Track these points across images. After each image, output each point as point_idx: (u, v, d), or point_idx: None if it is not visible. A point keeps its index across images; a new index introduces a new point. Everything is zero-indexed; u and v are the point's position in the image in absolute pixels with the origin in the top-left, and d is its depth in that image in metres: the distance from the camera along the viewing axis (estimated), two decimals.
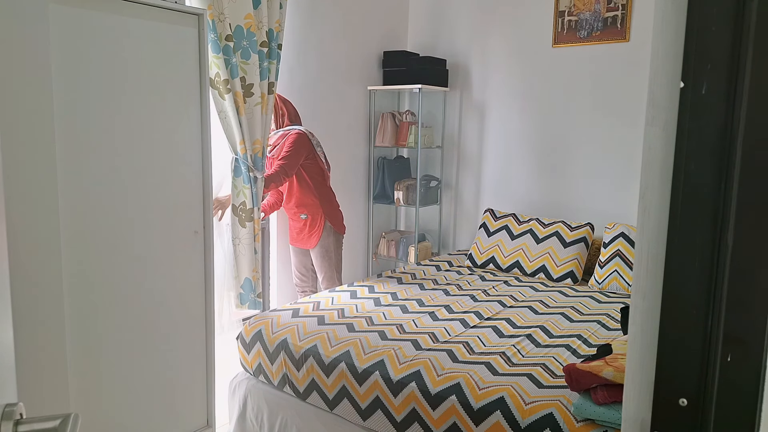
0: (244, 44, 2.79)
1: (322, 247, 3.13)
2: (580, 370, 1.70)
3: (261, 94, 2.90)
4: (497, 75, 3.86)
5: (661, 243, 0.61)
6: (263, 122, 2.93)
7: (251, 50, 2.82)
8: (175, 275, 2.16)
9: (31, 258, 1.63)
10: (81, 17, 1.79)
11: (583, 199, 3.58)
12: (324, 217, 3.11)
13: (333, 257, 3.17)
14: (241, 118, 2.81)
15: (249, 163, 2.87)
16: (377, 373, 2.04)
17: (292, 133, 3.02)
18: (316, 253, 3.15)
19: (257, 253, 2.92)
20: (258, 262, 2.94)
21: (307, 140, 3.06)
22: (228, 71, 2.73)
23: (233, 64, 2.74)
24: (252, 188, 2.89)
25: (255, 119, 2.88)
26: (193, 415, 2.30)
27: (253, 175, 2.88)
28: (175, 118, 2.09)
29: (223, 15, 2.69)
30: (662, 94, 0.60)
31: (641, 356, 0.64)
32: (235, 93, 2.76)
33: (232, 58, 2.74)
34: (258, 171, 2.89)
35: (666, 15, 0.59)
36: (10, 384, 0.73)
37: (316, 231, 3.11)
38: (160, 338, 2.14)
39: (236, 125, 2.81)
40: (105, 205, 1.92)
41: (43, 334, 1.69)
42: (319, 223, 3.10)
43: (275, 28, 2.98)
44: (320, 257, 3.16)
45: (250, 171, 2.87)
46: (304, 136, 3.04)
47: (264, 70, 2.92)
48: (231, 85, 2.74)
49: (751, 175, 0.55)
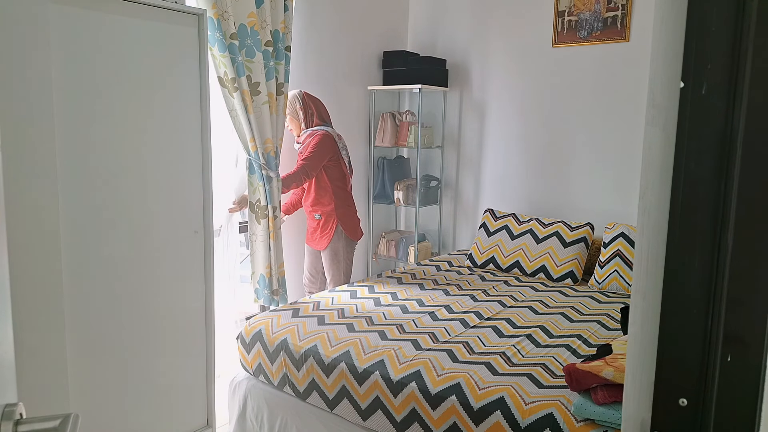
0: (248, 42, 2.80)
1: (332, 250, 3.14)
2: (580, 370, 1.70)
3: (269, 94, 2.91)
4: (497, 75, 3.86)
5: (661, 243, 0.61)
6: (272, 122, 2.94)
7: (255, 49, 2.82)
8: (175, 275, 2.16)
9: (31, 258, 1.63)
10: (81, 17, 1.79)
11: (583, 199, 3.58)
12: (337, 220, 3.11)
13: (342, 261, 3.16)
14: (250, 116, 2.82)
15: (261, 161, 2.88)
16: (377, 373, 2.04)
17: (317, 134, 3.03)
18: (326, 255, 3.17)
19: (271, 250, 2.93)
20: (272, 258, 2.96)
21: (333, 142, 3.07)
22: (234, 69, 2.73)
23: (239, 62, 2.75)
24: (265, 186, 2.91)
25: (263, 118, 2.89)
26: (193, 415, 2.30)
27: (266, 174, 2.89)
28: (176, 118, 2.09)
29: (227, 14, 2.70)
30: (662, 94, 0.60)
31: (641, 356, 0.64)
32: (243, 91, 2.78)
33: (237, 57, 2.75)
34: (271, 170, 2.90)
35: (666, 15, 0.59)
36: (10, 384, 0.73)
37: (327, 233, 3.11)
38: (160, 338, 2.14)
39: (246, 124, 2.83)
40: (105, 205, 1.92)
41: (43, 334, 1.69)
42: (331, 226, 3.10)
43: (281, 29, 2.98)
44: (329, 260, 3.16)
45: (262, 169, 2.88)
46: (330, 138, 3.05)
47: (270, 69, 2.92)
48: (238, 83, 2.76)
49: (751, 175, 0.55)
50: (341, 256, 3.15)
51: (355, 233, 3.21)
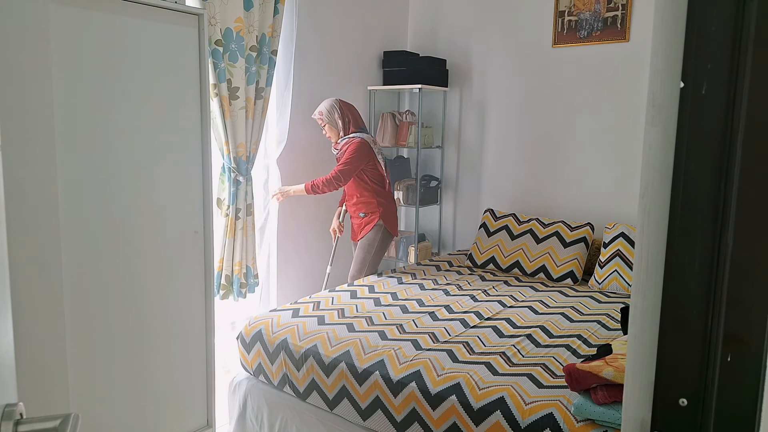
0: (233, 47, 2.82)
1: (368, 240, 3.30)
2: (580, 370, 1.70)
3: (247, 99, 2.94)
4: (497, 75, 3.86)
5: (661, 243, 0.61)
6: (248, 127, 2.98)
7: (239, 54, 2.84)
8: (175, 275, 2.16)
9: (31, 258, 1.63)
10: (81, 17, 1.79)
11: (583, 199, 3.58)
12: (380, 216, 3.28)
13: (374, 252, 3.31)
14: (226, 121, 2.86)
15: (232, 165, 2.92)
16: (377, 373, 2.04)
17: (354, 141, 3.16)
18: (361, 243, 3.32)
19: (225, 248, 3.00)
20: (225, 255, 3.01)
21: (369, 148, 3.21)
22: (216, 75, 2.76)
23: (221, 68, 2.78)
24: (230, 188, 2.96)
25: (239, 123, 2.92)
26: (193, 415, 2.30)
27: (235, 177, 2.92)
28: (175, 117, 2.09)
29: (214, 19, 2.71)
30: (662, 94, 0.60)
31: (641, 356, 0.64)
32: (222, 97, 2.83)
33: (220, 63, 2.77)
34: (240, 174, 2.97)
35: (666, 15, 0.59)
36: (10, 384, 0.73)
37: (369, 226, 3.30)
38: (160, 338, 2.14)
39: (222, 128, 2.88)
40: (105, 205, 1.92)
41: (43, 334, 1.69)
42: (374, 221, 3.28)
43: (268, 33, 2.99)
44: (362, 248, 3.31)
45: (232, 172, 2.92)
46: (366, 145, 3.19)
47: (252, 74, 2.94)
48: (218, 89, 2.80)
49: (751, 175, 0.55)
50: (375, 246, 3.30)
51: (395, 229, 3.38)
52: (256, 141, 3.04)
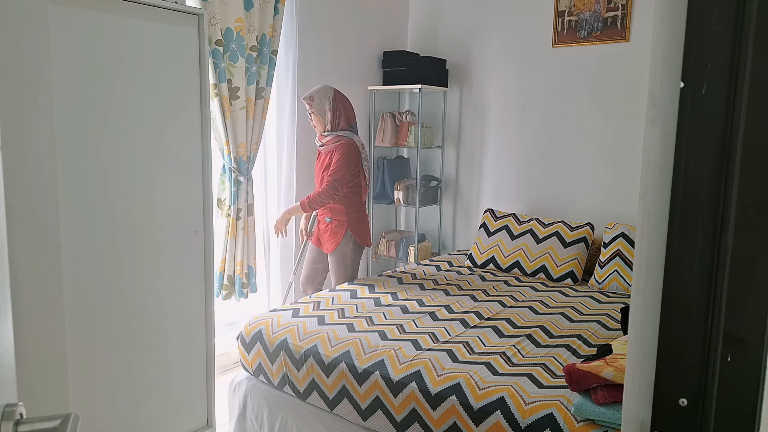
0: (233, 47, 2.82)
1: (339, 253, 3.08)
2: (580, 370, 1.70)
3: (247, 99, 2.94)
4: (497, 75, 3.86)
5: (661, 243, 0.61)
6: (248, 127, 2.99)
7: (239, 54, 2.85)
8: (175, 275, 2.16)
9: (31, 258, 1.63)
10: (81, 17, 1.79)
11: (583, 199, 3.58)
12: (347, 225, 3.05)
13: (349, 265, 3.12)
14: (227, 121, 2.87)
15: (233, 165, 2.93)
16: (377, 373, 2.04)
17: (341, 144, 2.95)
18: (333, 258, 3.11)
19: (227, 248, 3.01)
20: (227, 255, 3.02)
21: (357, 152, 3.01)
22: (216, 75, 2.76)
23: (221, 68, 2.78)
24: (231, 188, 2.97)
25: (239, 123, 2.93)
26: (193, 415, 2.30)
27: (235, 177, 2.92)
28: (176, 117, 2.09)
29: (214, 19, 2.71)
30: (662, 94, 0.60)
31: (641, 356, 0.64)
32: (222, 97, 2.83)
33: (221, 63, 2.77)
34: (241, 174, 2.96)
35: (666, 15, 0.59)
36: (10, 384, 0.73)
37: (336, 237, 3.06)
38: (160, 338, 2.14)
39: (222, 128, 2.88)
40: (105, 205, 1.92)
41: (43, 334, 1.69)
42: (341, 231, 3.05)
43: (268, 33, 2.99)
44: (335, 263, 3.11)
45: (233, 172, 2.92)
46: (354, 148, 2.99)
47: (252, 74, 2.94)
48: (219, 89, 2.80)
49: (751, 175, 0.55)
50: (348, 259, 3.11)
51: (365, 239, 3.16)
52: (256, 141, 3.05)
